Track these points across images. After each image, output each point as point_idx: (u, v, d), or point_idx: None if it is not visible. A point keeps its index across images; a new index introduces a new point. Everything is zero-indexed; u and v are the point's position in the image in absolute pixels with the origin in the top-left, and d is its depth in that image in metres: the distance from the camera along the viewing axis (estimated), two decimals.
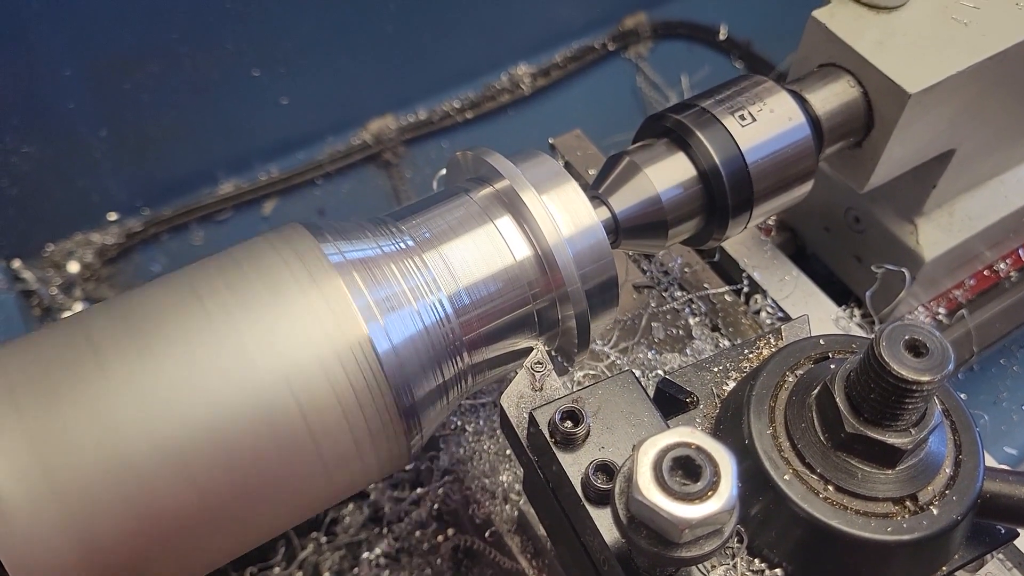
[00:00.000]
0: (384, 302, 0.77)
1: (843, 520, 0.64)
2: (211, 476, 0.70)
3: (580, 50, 1.85)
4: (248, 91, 1.56)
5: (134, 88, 1.45)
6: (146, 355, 0.70)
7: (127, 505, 0.68)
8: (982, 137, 1.12)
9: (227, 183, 1.62)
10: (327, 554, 1.11)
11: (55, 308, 1.48)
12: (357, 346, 0.74)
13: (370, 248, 0.80)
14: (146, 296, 0.76)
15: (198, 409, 0.69)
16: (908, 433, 0.63)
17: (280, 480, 0.74)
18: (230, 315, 0.73)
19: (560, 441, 0.70)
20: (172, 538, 0.71)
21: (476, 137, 1.78)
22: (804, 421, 0.67)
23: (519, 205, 0.83)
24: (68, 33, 1.34)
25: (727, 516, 0.56)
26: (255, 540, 0.79)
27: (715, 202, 0.94)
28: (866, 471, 0.65)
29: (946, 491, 0.65)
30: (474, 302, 0.82)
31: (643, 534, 0.57)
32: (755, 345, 0.79)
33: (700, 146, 0.92)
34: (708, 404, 0.76)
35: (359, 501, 1.11)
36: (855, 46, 1.00)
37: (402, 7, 1.61)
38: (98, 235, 1.54)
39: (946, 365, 0.59)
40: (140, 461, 0.68)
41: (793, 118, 0.95)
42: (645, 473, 0.56)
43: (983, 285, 1.29)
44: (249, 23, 1.48)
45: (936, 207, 1.19)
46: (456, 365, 0.82)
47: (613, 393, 0.73)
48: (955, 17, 1.02)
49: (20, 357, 0.71)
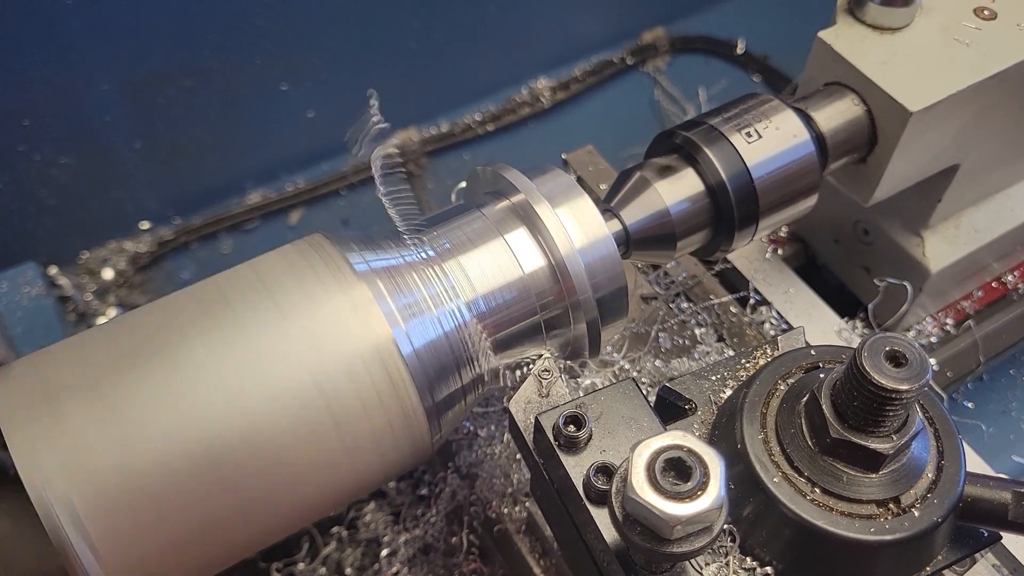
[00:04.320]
0: (406, 308, 0.80)
1: (829, 521, 0.66)
2: (244, 474, 0.73)
3: (599, 64, 1.86)
4: (276, 105, 1.58)
5: (167, 102, 1.48)
6: (180, 359, 0.74)
7: (164, 501, 0.71)
8: (986, 153, 1.12)
9: (255, 193, 1.65)
10: (349, 550, 1.13)
11: (89, 313, 1.51)
12: (383, 349, 0.77)
13: (393, 257, 0.83)
14: (181, 303, 0.79)
15: (231, 410, 0.73)
16: (890, 439, 0.65)
17: (307, 477, 0.77)
18: (261, 321, 0.76)
19: (564, 444, 0.72)
20: (206, 533, 0.74)
21: (497, 148, 1.79)
22: (793, 427, 0.70)
23: (534, 218, 0.85)
24: (106, 50, 1.37)
25: (716, 514, 0.58)
26: (282, 533, 0.82)
27: (722, 215, 0.95)
28: (851, 475, 0.67)
29: (928, 494, 0.67)
30: (490, 309, 0.84)
31: (637, 531, 0.60)
32: (752, 355, 0.81)
33: (708, 162, 0.93)
34: (706, 410, 0.78)
35: (379, 499, 1.14)
36: (859, 66, 1.00)
37: (425, 24, 1.63)
38: (131, 243, 1.57)
39: (924, 375, 0.62)
40: (177, 459, 0.71)
41: (798, 135, 0.96)
42: (639, 473, 0.58)
43: (991, 296, 1.30)
44: (278, 40, 1.51)
45: (942, 220, 1.20)
46: (473, 369, 0.84)
47: (615, 399, 0.75)
48: (957, 38, 1.03)
49: (64, 360, 0.75)
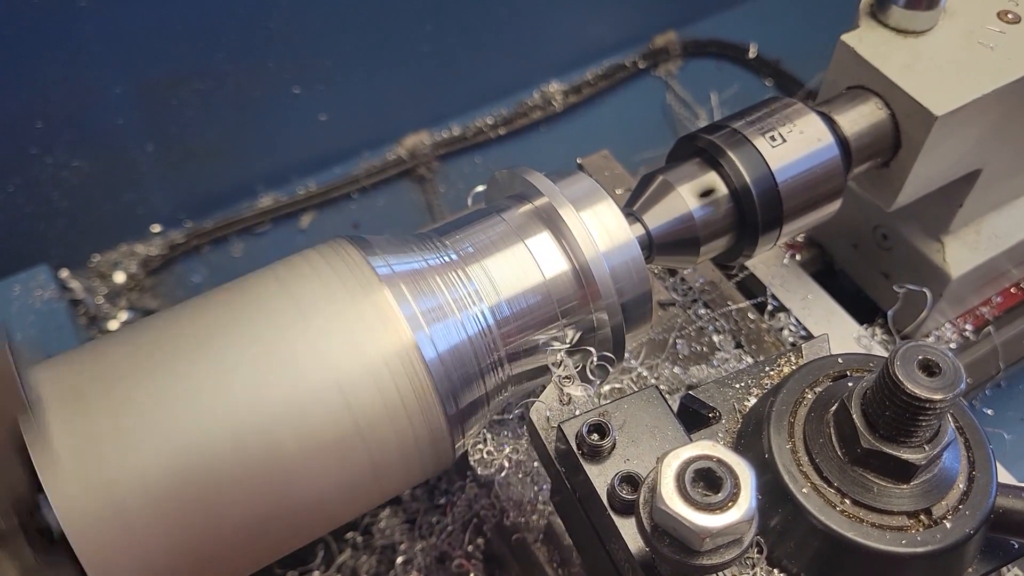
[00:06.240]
0: (429, 312, 0.79)
1: (859, 532, 0.65)
2: (267, 479, 0.73)
3: (611, 68, 1.86)
4: (288, 108, 1.58)
5: (180, 105, 1.48)
6: (204, 364, 0.73)
7: (189, 507, 0.70)
8: (1008, 157, 1.12)
9: (266, 197, 1.64)
10: (364, 557, 1.12)
11: (101, 317, 1.51)
12: (405, 354, 0.76)
13: (416, 261, 0.82)
14: (202, 308, 0.78)
15: (253, 416, 0.72)
16: (922, 449, 0.65)
17: (330, 483, 0.76)
18: (285, 325, 0.76)
19: (587, 453, 0.71)
20: (230, 539, 0.73)
21: (509, 152, 1.79)
22: (822, 437, 0.69)
23: (558, 221, 0.85)
24: (119, 53, 1.37)
25: (746, 526, 0.57)
26: (303, 540, 0.81)
27: (745, 220, 0.95)
28: (882, 485, 0.66)
29: (959, 506, 0.66)
30: (514, 314, 0.84)
31: (666, 543, 0.59)
32: (776, 363, 0.80)
33: (732, 166, 0.93)
34: (730, 419, 0.77)
35: (394, 505, 1.12)
36: (883, 69, 1.00)
37: (437, 27, 1.63)
38: (142, 246, 1.57)
39: (958, 384, 0.61)
40: (199, 465, 0.70)
41: (822, 139, 0.95)
42: (668, 484, 0.58)
43: (1010, 302, 1.29)
44: (290, 43, 1.51)
45: (963, 225, 1.19)
46: (497, 374, 0.84)
47: (638, 407, 0.74)
48: (981, 41, 1.02)
49: (87, 363, 0.74)
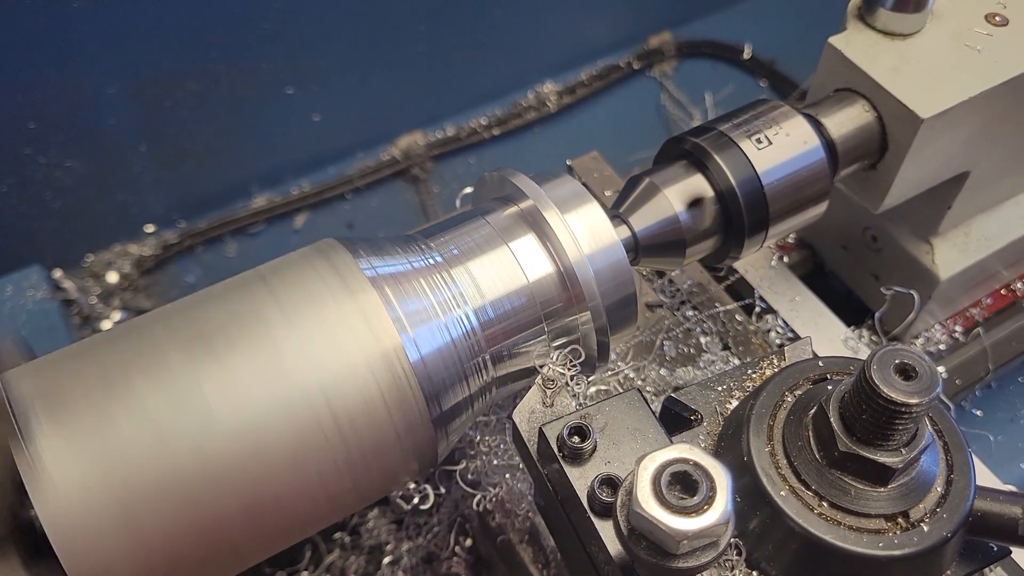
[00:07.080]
0: (414, 315, 0.79)
1: (837, 535, 0.65)
2: (250, 480, 0.73)
3: (605, 68, 1.87)
4: (282, 108, 1.59)
5: (173, 105, 1.48)
6: (189, 365, 0.74)
7: (174, 509, 0.71)
8: (997, 159, 1.12)
9: (260, 197, 1.65)
10: (352, 557, 1.12)
11: (94, 317, 1.52)
12: (389, 356, 0.77)
13: (400, 264, 0.82)
14: (189, 309, 0.79)
15: (234, 417, 0.72)
16: (899, 452, 0.65)
17: (315, 484, 0.76)
18: (270, 326, 0.76)
19: (568, 455, 0.72)
20: (214, 541, 0.73)
21: (503, 153, 1.80)
22: (801, 440, 0.69)
23: (542, 224, 0.85)
24: (113, 53, 1.38)
25: (722, 529, 0.57)
26: (287, 542, 0.82)
27: (731, 222, 0.95)
28: (859, 488, 0.66)
29: (937, 509, 0.67)
30: (498, 316, 0.84)
31: (643, 545, 0.59)
32: (758, 365, 0.80)
33: (717, 168, 0.93)
34: (712, 421, 0.77)
35: (382, 506, 1.13)
36: (870, 72, 1.00)
37: (432, 27, 1.63)
38: (136, 246, 1.58)
39: (934, 389, 0.61)
40: (185, 466, 0.71)
41: (808, 142, 0.95)
42: (645, 487, 0.58)
43: (1000, 304, 1.29)
44: (284, 43, 1.51)
45: (952, 227, 1.19)
46: (481, 376, 0.84)
47: (620, 410, 0.74)
48: (968, 44, 1.02)
49: (72, 364, 0.74)
